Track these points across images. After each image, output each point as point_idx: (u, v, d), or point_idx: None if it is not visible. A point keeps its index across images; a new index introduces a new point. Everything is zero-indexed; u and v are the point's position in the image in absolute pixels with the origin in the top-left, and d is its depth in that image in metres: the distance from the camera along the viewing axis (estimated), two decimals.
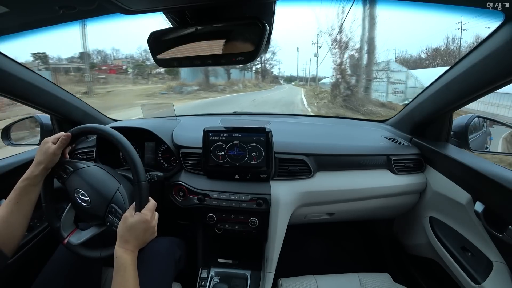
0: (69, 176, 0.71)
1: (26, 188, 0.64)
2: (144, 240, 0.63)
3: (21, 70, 0.84)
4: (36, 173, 0.65)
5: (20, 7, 0.53)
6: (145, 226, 0.61)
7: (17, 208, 0.62)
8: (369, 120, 1.51)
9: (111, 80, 19.28)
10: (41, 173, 0.66)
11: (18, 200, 0.63)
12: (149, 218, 0.62)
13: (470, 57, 0.70)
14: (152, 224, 0.63)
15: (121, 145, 0.68)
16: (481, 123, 1.07)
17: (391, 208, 1.07)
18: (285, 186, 0.93)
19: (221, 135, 0.92)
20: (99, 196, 0.69)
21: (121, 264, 0.56)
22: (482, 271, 0.74)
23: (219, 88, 19.19)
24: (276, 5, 0.57)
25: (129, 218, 0.61)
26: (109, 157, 1.07)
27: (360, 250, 1.47)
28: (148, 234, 0.63)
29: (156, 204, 0.67)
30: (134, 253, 0.60)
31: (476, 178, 0.76)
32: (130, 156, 0.67)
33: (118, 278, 0.55)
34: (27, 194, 0.64)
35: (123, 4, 0.49)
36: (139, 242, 0.61)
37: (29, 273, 0.82)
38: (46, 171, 0.68)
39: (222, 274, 1.05)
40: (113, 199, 0.69)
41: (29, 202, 0.65)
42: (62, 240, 0.70)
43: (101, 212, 0.68)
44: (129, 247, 0.59)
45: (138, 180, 0.66)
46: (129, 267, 0.57)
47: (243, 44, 0.56)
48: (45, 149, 0.67)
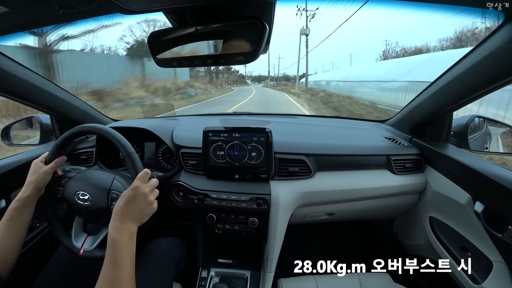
0: (65, 187, 0.71)
1: (18, 209, 0.63)
2: (139, 212, 0.58)
3: (21, 70, 0.84)
4: (27, 194, 0.65)
5: (20, 7, 0.53)
6: (134, 193, 0.57)
7: (10, 230, 0.61)
8: (369, 120, 1.50)
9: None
10: (33, 194, 0.66)
11: (11, 222, 0.62)
12: (138, 185, 0.59)
13: (470, 57, 0.70)
14: (143, 191, 0.58)
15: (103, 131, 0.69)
16: (481, 123, 1.07)
17: (391, 208, 1.07)
18: (285, 186, 0.93)
19: (221, 135, 0.92)
20: (98, 189, 0.70)
21: (110, 240, 0.53)
22: (482, 271, 0.74)
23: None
24: (276, 5, 0.57)
25: (124, 192, 0.59)
26: (109, 157, 1.07)
27: (360, 250, 1.47)
28: (142, 204, 0.58)
29: (149, 173, 0.63)
30: (129, 228, 0.55)
31: (476, 178, 0.76)
32: (112, 135, 0.68)
33: (107, 255, 0.53)
34: (20, 215, 0.63)
35: (123, 4, 0.49)
36: (134, 214, 0.57)
37: (29, 273, 0.82)
38: (38, 191, 0.67)
39: (222, 274, 1.05)
40: (111, 187, 0.70)
41: (22, 224, 0.64)
42: (78, 252, 0.69)
43: (104, 203, 0.68)
44: (122, 219, 0.55)
45: (128, 153, 0.65)
46: (119, 243, 0.53)
47: (243, 44, 0.56)
48: (34, 169, 0.67)
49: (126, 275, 0.52)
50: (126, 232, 0.55)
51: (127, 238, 0.55)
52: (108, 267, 0.52)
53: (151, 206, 0.61)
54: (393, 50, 31.84)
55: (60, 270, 0.77)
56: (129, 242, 0.55)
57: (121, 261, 0.52)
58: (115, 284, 0.50)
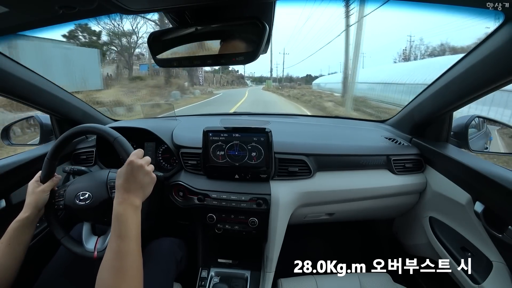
0: (64, 196, 0.72)
1: (17, 230, 0.63)
2: (140, 184, 0.59)
3: (21, 70, 0.84)
4: (27, 214, 0.65)
5: (20, 7, 0.53)
6: (131, 167, 0.58)
7: (9, 250, 0.61)
8: (369, 120, 1.50)
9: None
10: (33, 214, 0.66)
11: (10, 242, 0.62)
12: (133, 159, 0.59)
13: (470, 57, 0.70)
14: (138, 163, 0.59)
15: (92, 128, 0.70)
16: (481, 123, 1.07)
17: (391, 208, 1.07)
18: (285, 186, 0.93)
19: (221, 135, 0.92)
20: (95, 183, 0.71)
21: (114, 215, 0.55)
22: (482, 271, 0.74)
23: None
24: (276, 5, 0.57)
25: (119, 170, 0.60)
26: (109, 157, 1.07)
27: (360, 250, 1.47)
28: (141, 176, 0.59)
29: (142, 150, 0.64)
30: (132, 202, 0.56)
31: (476, 178, 0.76)
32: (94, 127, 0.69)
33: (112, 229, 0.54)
34: (19, 236, 0.63)
35: (123, 4, 0.49)
36: (136, 187, 0.58)
37: (29, 273, 0.82)
38: (38, 211, 0.68)
39: (222, 274, 1.05)
40: (108, 177, 0.72)
41: (22, 244, 0.64)
42: (92, 256, 0.68)
43: (104, 194, 0.69)
44: (125, 195, 0.56)
45: (114, 137, 0.66)
46: (122, 217, 0.54)
47: (243, 44, 0.56)
48: (31, 190, 0.68)
49: (131, 246, 0.52)
50: (130, 206, 0.56)
51: (132, 211, 0.56)
52: (113, 240, 0.53)
53: (150, 176, 0.62)
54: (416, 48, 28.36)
55: (60, 270, 0.77)
56: (134, 216, 0.56)
57: (125, 234, 0.53)
58: (121, 255, 0.51)
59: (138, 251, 0.54)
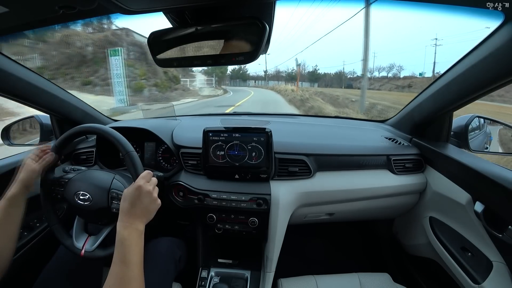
0: (65, 187, 0.71)
1: (6, 209, 0.62)
2: (146, 210, 0.59)
3: (21, 70, 0.84)
4: (15, 193, 0.64)
5: (20, 7, 0.53)
6: (139, 192, 0.58)
7: (1, 229, 0.61)
8: (369, 120, 1.50)
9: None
10: (20, 192, 0.65)
11: (1, 222, 0.61)
12: (142, 184, 0.59)
13: (470, 57, 0.70)
14: (147, 189, 0.59)
15: (102, 131, 0.70)
16: (481, 123, 1.07)
17: (391, 208, 1.07)
18: (285, 186, 0.93)
19: (221, 135, 0.92)
20: (98, 188, 0.70)
21: (119, 240, 0.54)
22: (482, 271, 0.74)
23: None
24: (276, 5, 0.57)
25: (125, 191, 0.60)
26: (109, 157, 1.07)
27: (360, 250, 1.47)
28: (147, 202, 0.59)
29: (151, 173, 0.64)
30: (137, 227, 0.56)
31: (476, 178, 0.76)
32: (110, 134, 0.68)
33: (116, 253, 0.53)
34: (9, 215, 0.63)
35: (123, 4, 0.49)
36: (141, 213, 0.58)
37: (29, 273, 0.82)
38: (25, 189, 0.67)
39: (222, 274, 1.05)
40: (111, 186, 0.70)
41: (13, 223, 0.63)
42: (79, 253, 0.68)
43: (104, 202, 0.68)
44: (130, 220, 0.56)
45: (126, 151, 0.66)
46: (127, 242, 0.54)
47: (243, 44, 0.56)
48: (25, 166, 0.67)
49: (134, 273, 0.52)
50: (135, 231, 0.56)
51: (136, 236, 0.55)
52: (117, 265, 0.52)
53: (156, 202, 0.62)
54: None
55: (60, 270, 0.77)
56: (138, 241, 0.56)
57: (130, 259, 0.52)
58: (124, 282, 0.50)
59: (141, 277, 0.54)
